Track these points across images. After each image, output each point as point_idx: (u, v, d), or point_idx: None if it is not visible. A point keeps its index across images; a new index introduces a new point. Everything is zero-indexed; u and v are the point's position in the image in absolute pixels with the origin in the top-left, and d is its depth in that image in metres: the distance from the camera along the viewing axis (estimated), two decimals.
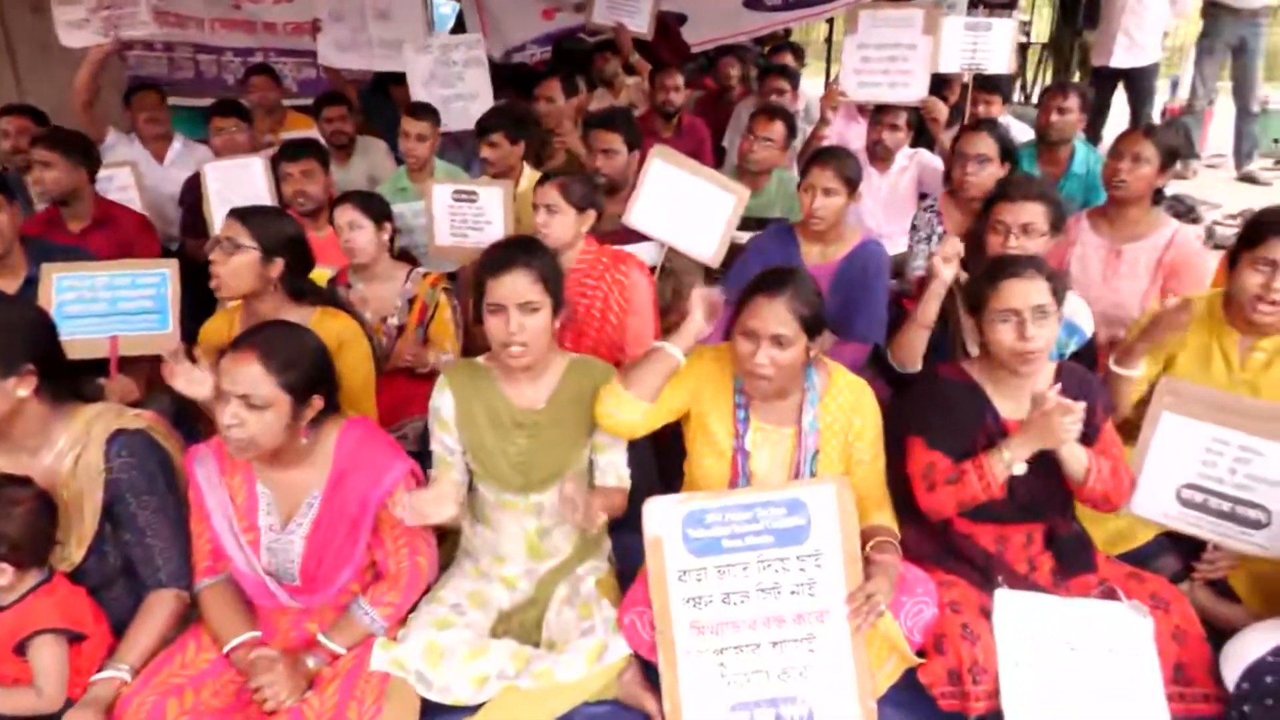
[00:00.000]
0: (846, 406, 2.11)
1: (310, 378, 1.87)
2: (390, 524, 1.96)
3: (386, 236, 2.93)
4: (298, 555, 1.94)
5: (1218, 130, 7.33)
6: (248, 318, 2.43)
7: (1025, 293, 2.01)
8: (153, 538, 1.94)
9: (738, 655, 1.90)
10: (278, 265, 2.37)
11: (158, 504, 1.94)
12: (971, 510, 2.12)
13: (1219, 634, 1.99)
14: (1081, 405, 1.95)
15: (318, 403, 1.90)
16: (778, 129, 3.76)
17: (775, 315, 1.94)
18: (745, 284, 2.05)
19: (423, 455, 2.23)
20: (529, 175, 3.82)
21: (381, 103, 5.44)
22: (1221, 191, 6.14)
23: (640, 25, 5.22)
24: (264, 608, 2.00)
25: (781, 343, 1.95)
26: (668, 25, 6.35)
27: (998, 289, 2.05)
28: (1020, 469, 1.99)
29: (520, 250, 2.07)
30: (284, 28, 6.25)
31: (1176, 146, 2.98)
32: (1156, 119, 6.91)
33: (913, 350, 2.60)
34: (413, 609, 2.05)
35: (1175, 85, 7.32)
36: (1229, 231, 5.22)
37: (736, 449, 2.07)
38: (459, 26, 6.76)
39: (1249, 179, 6.61)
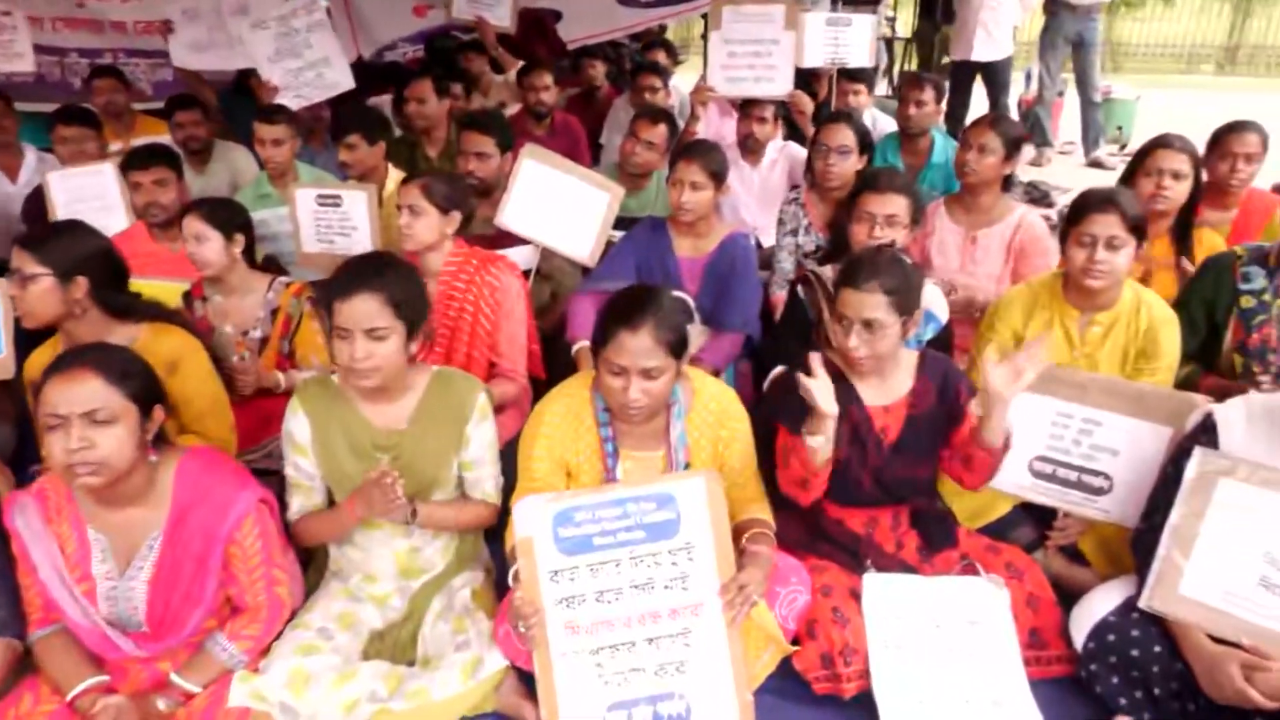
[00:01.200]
0: (713, 418, 2.10)
1: (148, 387, 1.77)
2: (242, 558, 1.86)
3: (239, 248, 2.78)
4: (141, 601, 1.81)
5: (1068, 119, 7.79)
6: (68, 344, 2.24)
7: (859, 305, 2.03)
8: None
9: (613, 654, 1.88)
10: (80, 285, 2.20)
11: None
12: (841, 496, 2.17)
13: (1073, 597, 2.10)
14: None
15: (160, 414, 1.79)
16: (660, 132, 3.76)
17: (640, 348, 1.87)
18: (605, 308, 1.97)
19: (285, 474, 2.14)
20: (395, 177, 3.72)
21: (245, 104, 5.19)
22: (1073, 177, 6.52)
23: (501, 18, 5.15)
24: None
25: (651, 374, 1.90)
26: (544, 22, 6.31)
27: (840, 294, 2.09)
28: (824, 446, 2.00)
29: (370, 272, 1.94)
30: (134, 27, 5.89)
31: (1020, 136, 3.14)
32: (1013, 110, 7.28)
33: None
34: (277, 638, 1.95)
35: (1028, 77, 7.72)
36: None
37: (608, 479, 2.04)
38: None
39: (1097, 164, 7.05)
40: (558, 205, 3.29)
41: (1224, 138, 3.25)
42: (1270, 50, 13.45)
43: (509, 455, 2.17)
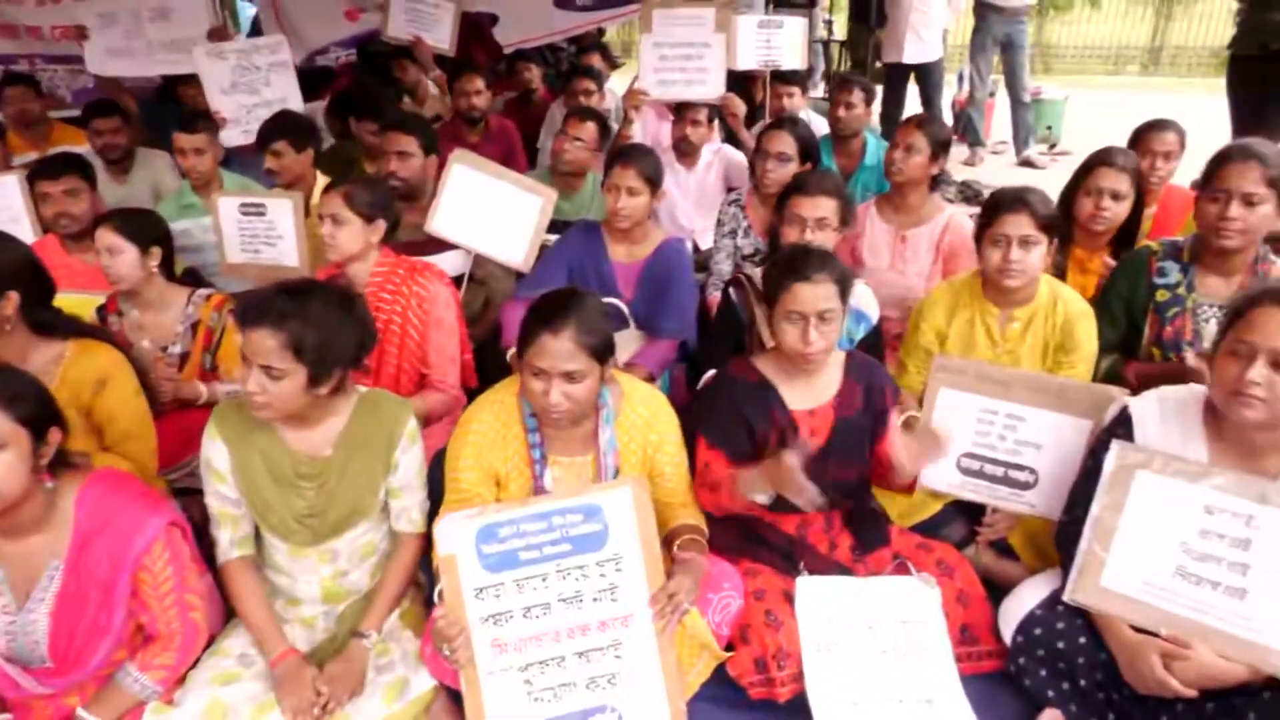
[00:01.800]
0: (642, 422, 2.08)
1: (41, 409, 1.68)
2: (153, 584, 1.78)
3: (155, 261, 2.68)
4: (43, 635, 1.72)
5: (999, 119, 7.95)
6: None
7: (814, 298, 2.03)
8: None
9: (543, 670, 1.85)
10: (11, 301, 2.12)
11: None
12: (774, 502, 2.16)
13: (1005, 591, 2.12)
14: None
15: (56, 436, 1.70)
16: (590, 129, 3.75)
17: (562, 351, 1.84)
18: (528, 312, 1.94)
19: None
20: (323, 185, 3.63)
21: (170, 111, 5.04)
22: (1005, 176, 6.65)
23: (441, 40, 5.05)
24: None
25: (573, 378, 1.87)
26: (480, 26, 6.24)
27: (790, 290, 2.07)
28: (763, 499, 2.01)
29: (283, 306, 1.81)
30: (51, 32, 5.67)
31: (947, 137, 3.18)
32: (947, 111, 7.42)
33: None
34: (193, 666, 1.88)
35: (960, 79, 7.88)
36: None
37: (536, 491, 2.00)
38: (255, 33, 6.38)
39: (1028, 163, 7.20)
40: (489, 211, 3.25)
41: (1143, 136, 3.34)
42: (1191, 51, 13.90)
43: (440, 465, 2.11)
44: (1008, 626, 1.97)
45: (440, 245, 3.24)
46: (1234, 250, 2.42)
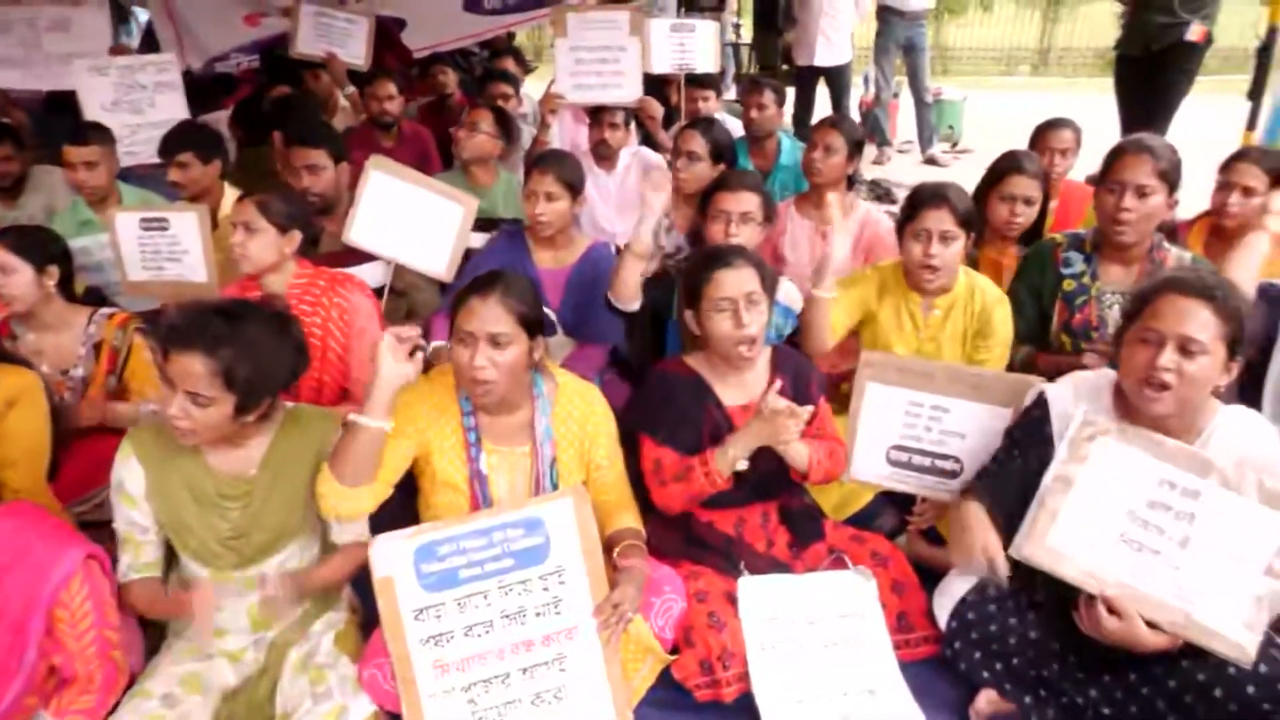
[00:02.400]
0: (578, 414, 2.08)
1: None
2: (70, 622, 1.68)
3: (53, 280, 2.53)
4: None
5: (904, 120, 8.21)
6: None
7: (738, 281, 2.08)
8: None
9: (487, 689, 1.81)
10: None
11: None
12: (710, 499, 2.17)
13: (937, 578, 2.18)
14: (807, 409, 2.04)
15: None
16: (487, 117, 3.76)
17: (490, 314, 1.85)
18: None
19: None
20: (233, 197, 3.49)
21: (62, 123, 4.75)
22: (912, 174, 6.86)
23: (355, 56, 4.91)
24: None
25: (499, 342, 1.86)
26: (388, 31, 6.11)
27: (712, 279, 2.10)
28: (742, 465, 2.05)
29: (212, 330, 1.73)
30: None
31: (861, 137, 3.26)
32: (854, 111, 7.61)
33: (629, 287, 2.61)
34: (113, 710, 1.77)
35: (866, 81, 8.10)
36: None
37: (473, 475, 1.97)
38: (150, 39, 6.10)
39: (932, 162, 7.47)
40: (409, 219, 3.17)
41: (1042, 134, 3.50)
42: (1077, 52, 14.62)
43: None
44: (942, 613, 2.03)
45: (360, 256, 3.15)
46: (1131, 242, 2.55)
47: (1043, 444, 1.95)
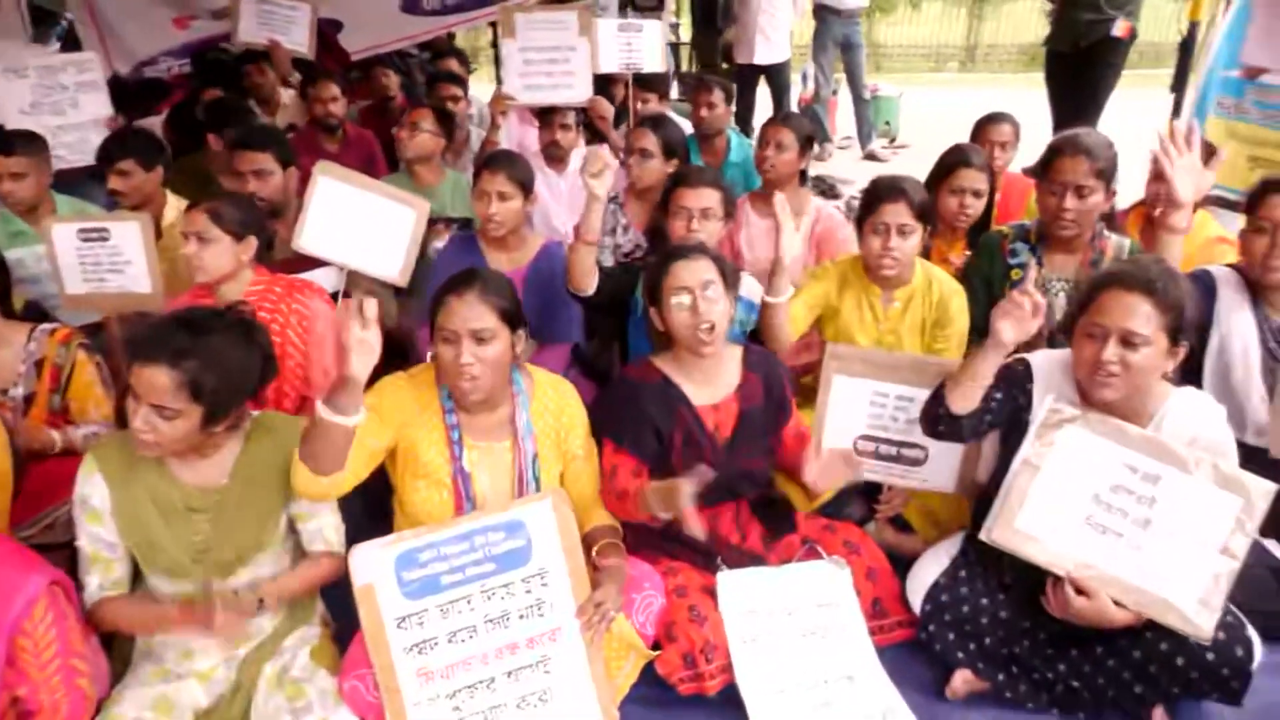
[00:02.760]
0: (554, 406, 2.09)
1: None
2: (34, 651, 1.61)
3: None
4: None
5: (842, 116, 8.35)
6: None
7: (694, 270, 2.11)
8: None
9: (472, 695, 1.80)
10: None
11: None
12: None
13: (904, 563, 2.23)
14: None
15: None
16: (428, 115, 3.73)
17: (470, 311, 1.87)
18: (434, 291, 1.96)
19: (73, 549, 1.88)
20: (176, 205, 3.39)
21: None
22: (853, 170, 6.99)
23: (299, 42, 4.82)
24: None
25: (482, 338, 1.87)
26: (325, 33, 5.99)
27: (669, 271, 2.14)
28: (666, 516, 2.03)
29: (179, 338, 1.70)
30: None
31: (812, 132, 3.31)
32: (795, 108, 7.72)
33: (584, 273, 2.64)
34: None
35: (804, 78, 8.22)
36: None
37: (456, 472, 1.96)
38: (70, 44, 5.87)
39: (872, 157, 7.61)
40: (360, 224, 3.10)
41: (983, 128, 3.60)
42: (1002, 49, 15.07)
43: None
44: (916, 597, 2.08)
45: (312, 262, 3.08)
46: (1073, 235, 2.64)
47: (1024, 394, 2.03)
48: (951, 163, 3.09)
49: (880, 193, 2.51)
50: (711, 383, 2.22)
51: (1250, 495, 1.80)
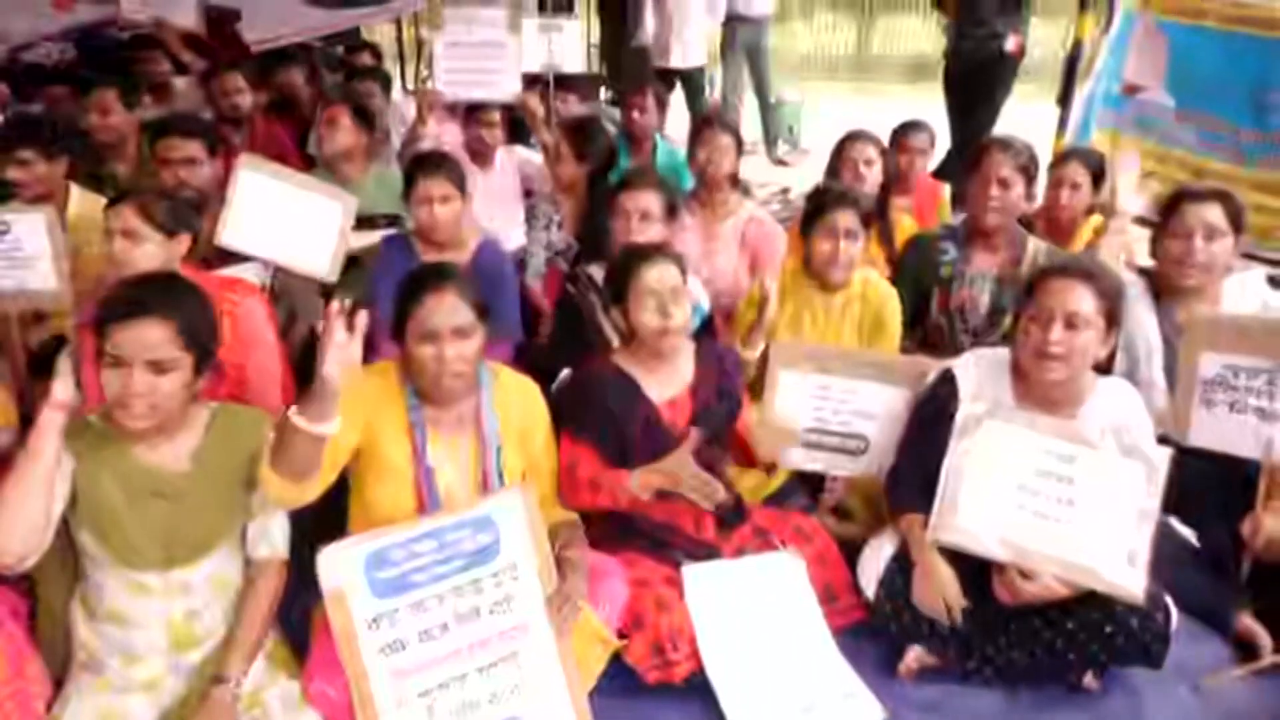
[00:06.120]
0: (515, 398, 2.09)
1: None
2: None
3: None
4: None
5: (746, 121, 8.53)
6: None
7: (664, 276, 2.15)
8: None
9: (445, 692, 1.78)
10: None
11: None
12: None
13: (846, 549, 2.32)
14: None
15: None
16: (345, 110, 3.66)
17: (452, 309, 1.86)
18: (400, 290, 1.94)
19: None
20: (80, 197, 3.19)
21: None
22: (765, 174, 7.18)
23: (186, 18, 4.60)
24: None
25: (465, 333, 1.87)
26: (222, 23, 5.72)
27: (639, 274, 2.16)
28: (648, 495, 2.09)
29: (158, 294, 1.73)
30: None
31: (739, 133, 3.40)
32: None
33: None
34: None
35: (713, 82, 8.35)
36: (776, 207, 6.14)
37: (420, 469, 1.93)
38: None
39: (781, 162, 7.82)
40: (286, 219, 3.00)
41: (901, 136, 3.78)
42: (890, 60, 15.74)
43: None
44: (867, 582, 2.17)
45: (232, 257, 2.96)
46: (996, 228, 2.81)
47: (951, 420, 2.12)
48: (842, 141, 3.33)
49: (828, 199, 2.62)
50: (668, 379, 2.25)
51: (1152, 461, 1.97)
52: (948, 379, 2.20)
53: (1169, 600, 2.01)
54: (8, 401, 2.45)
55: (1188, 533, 2.39)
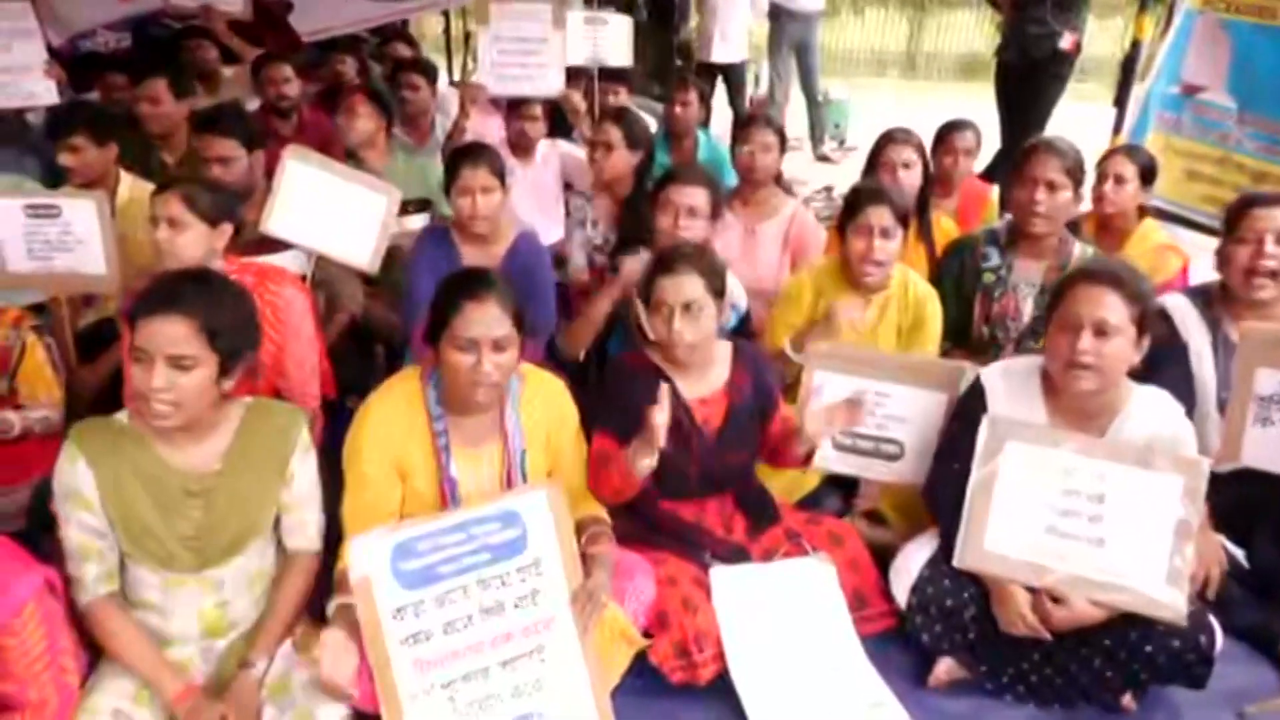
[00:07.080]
0: (544, 403, 2.08)
1: None
2: (21, 650, 1.55)
3: None
4: None
5: (791, 118, 8.46)
6: None
7: (676, 289, 2.10)
8: None
9: (467, 684, 1.78)
10: None
11: None
12: (669, 490, 2.21)
13: (879, 555, 2.29)
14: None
15: None
16: (362, 100, 3.72)
17: (491, 317, 1.84)
18: (439, 292, 1.92)
19: (23, 535, 1.87)
20: (129, 183, 3.26)
21: None
22: (807, 171, 7.10)
23: (232, 4, 4.67)
24: None
25: (502, 345, 1.86)
26: (273, 13, 5.81)
27: (655, 283, 2.15)
28: (648, 467, 2.01)
29: (186, 290, 1.71)
30: None
31: (784, 131, 3.36)
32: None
33: (580, 341, 2.72)
34: None
35: (758, 79, 8.29)
36: (819, 204, 6.06)
37: (444, 480, 1.94)
38: None
39: (824, 159, 7.74)
40: (329, 210, 3.04)
41: (946, 136, 3.68)
42: (942, 56, 15.48)
43: None
44: (900, 590, 2.12)
45: (275, 244, 3.00)
46: (1042, 234, 2.74)
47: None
48: (880, 142, 3.22)
49: (864, 197, 2.57)
50: (702, 377, 2.23)
51: (1188, 472, 1.90)
52: (977, 392, 2.14)
53: (1213, 620, 1.95)
54: (55, 381, 2.51)
55: (1237, 552, 2.31)
